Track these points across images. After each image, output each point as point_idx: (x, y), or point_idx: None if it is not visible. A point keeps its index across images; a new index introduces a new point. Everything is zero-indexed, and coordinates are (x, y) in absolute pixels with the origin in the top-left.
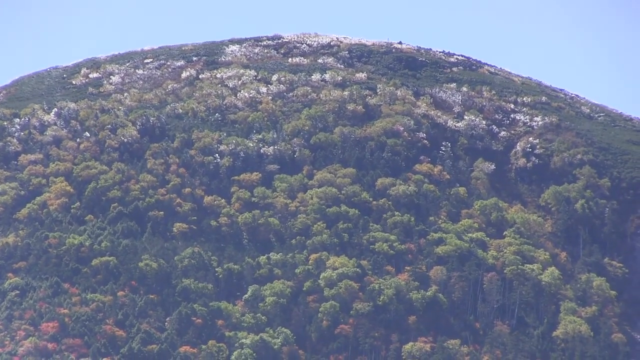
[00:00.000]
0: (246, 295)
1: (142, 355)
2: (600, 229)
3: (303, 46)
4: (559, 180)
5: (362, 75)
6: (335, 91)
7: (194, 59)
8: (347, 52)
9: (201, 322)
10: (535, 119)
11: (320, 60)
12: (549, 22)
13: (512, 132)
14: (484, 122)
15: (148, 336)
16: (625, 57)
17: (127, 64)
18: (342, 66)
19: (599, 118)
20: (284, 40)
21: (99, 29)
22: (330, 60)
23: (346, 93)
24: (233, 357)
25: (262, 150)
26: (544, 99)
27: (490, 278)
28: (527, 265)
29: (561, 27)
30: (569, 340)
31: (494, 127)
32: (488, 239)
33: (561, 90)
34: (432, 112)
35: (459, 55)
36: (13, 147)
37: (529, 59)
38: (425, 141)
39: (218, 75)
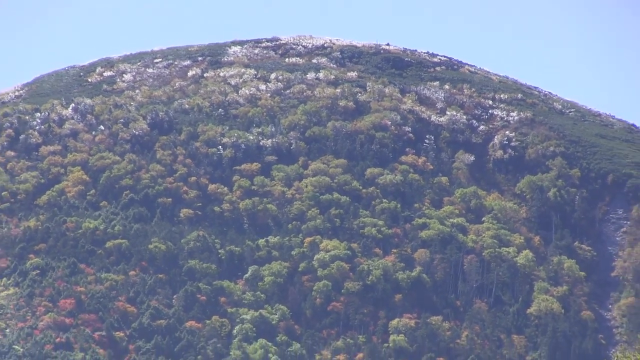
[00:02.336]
0: (246, 275)
1: (151, 329)
2: (570, 215)
3: (299, 47)
4: (533, 170)
5: (352, 74)
6: (328, 89)
7: (199, 59)
8: (339, 53)
9: (205, 300)
10: (512, 114)
11: (314, 61)
12: (523, 26)
13: (490, 126)
14: (464, 117)
15: (157, 312)
16: (593, 57)
17: (139, 64)
18: (334, 66)
19: (570, 113)
20: (281, 42)
21: (112, 31)
22: (323, 60)
23: (338, 90)
24: (235, 331)
25: (261, 143)
26: (519, 95)
27: (469, 260)
28: (504, 248)
29: (534, 30)
30: (542, 317)
31: (474, 122)
32: (468, 224)
33: (535, 88)
34: (417, 108)
35: (441, 56)
36: (34, 139)
37: (506, 59)
38: (411, 134)
39: (221, 74)
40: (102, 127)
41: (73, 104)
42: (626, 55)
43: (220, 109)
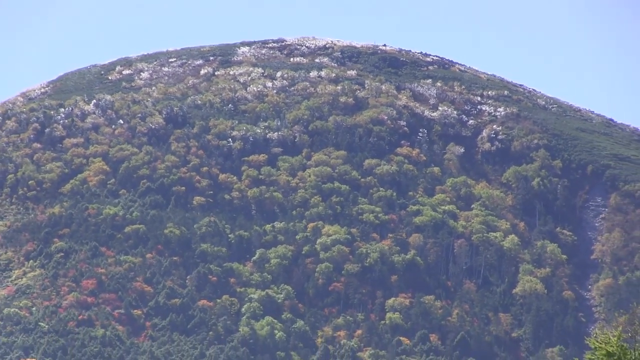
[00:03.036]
0: (254, 258)
1: (166, 307)
2: (553, 203)
3: (303, 48)
4: (518, 161)
5: (352, 73)
6: (330, 86)
7: (211, 58)
8: (339, 53)
9: (216, 280)
10: (499, 109)
11: (317, 60)
12: (509, 29)
13: (479, 120)
14: (455, 112)
15: (172, 292)
16: (574, 57)
17: (155, 63)
18: (335, 65)
19: (553, 109)
20: (286, 43)
21: (131, 33)
22: (325, 59)
23: (339, 87)
24: (243, 309)
25: (267, 136)
26: (505, 92)
27: (460, 244)
28: (491, 233)
29: (519, 32)
30: (527, 297)
31: (464, 117)
32: (458, 211)
33: (520, 85)
34: (411, 103)
35: (434, 56)
36: (58, 133)
37: (494, 58)
38: (406, 128)
39: (231, 72)
40: (121, 121)
41: (94, 100)
42: (604, 54)
43: (230, 105)
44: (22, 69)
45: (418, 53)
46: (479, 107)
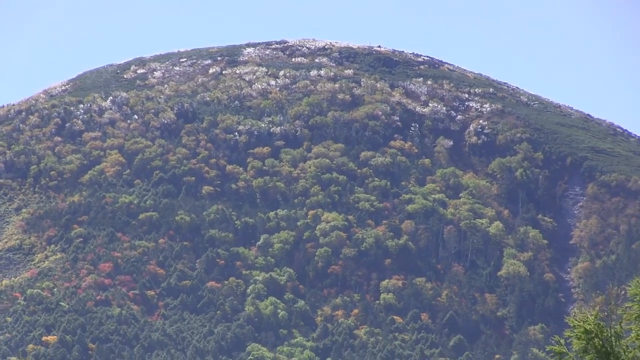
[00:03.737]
0: (259, 242)
1: (177, 289)
2: (535, 192)
3: (303, 49)
4: (502, 153)
5: (349, 72)
6: (328, 84)
7: (219, 58)
8: (337, 53)
9: (224, 263)
10: (484, 105)
11: (316, 60)
12: (494, 30)
13: (466, 116)
14: (444, 108)
15: (182, 274)
16: (554, 57)
17: (167, 62)
18: (333, 64)
19: (534, 105)
20: (288, 44)
21: (145, 35)
22: (324, 59)
23: (337, 85)
24: (248, 290)
25: (271, 130)
26: (491, 90)
27: (449, 230)
28: (478, 219)
29: (503, 34)
30: (510, 279)
31: (452, 112)
32: (447, 199)
33: (505, 83)
34: (404, 100)
35: (425, 56)
36: (78, 127)
37: (480, 58)
38: (399, 123)
39: (237, 72)
40: (135, 116)
41: (111, 97)
42: (582, 54)
43: (236, 101)
44: (44, 68)
45: (410, 54)
46: (466, 103)
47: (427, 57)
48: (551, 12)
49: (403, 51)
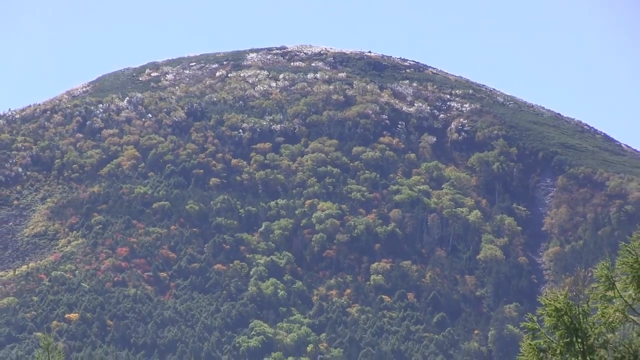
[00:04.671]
0: (261, 229)
1: (187, 270)
2: (510, 183)
3: (301, 54)
4: (481, 148)
5: (342, 75)
6: (324, 86)
7: (225, 63)
8: (332, 58)
9: (229, 248)
10: (464, 105)
11: (313, 64)
12: (472, 37)
13: (448, 115)
14: (428, 107)
15: (192, 257)
16: (527, 60)
17: (178, 66)
18: (328, 68)
19: (510, 105)
20: (287, 50)
21: (158, 41)
22: (320, 64)
23: (331, 87)
24: (251, 272)
25: (272, 127)
26: (470, 91)
27: (432, 217)
28: (459, 208)
29: (481, 40)
30: (488, 262)
31: (435, 111)
32: (431, 190)
33: (483, 85)
34: (392, 100)
35: (411, 61)
36: (97, 125)
37: (461, 62)
38: (387, 121)
39: (241, 75)
40: (149, 115)
41: (127, 97)
42: (553, 58)
43: (240, 101)
44: (67, 72)
45: (397, 58)
46: (448, 103)
47: (413, 61)
48: (523, 20)
49: (391, 56)
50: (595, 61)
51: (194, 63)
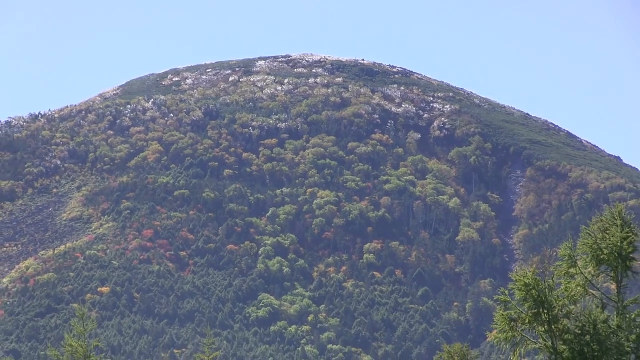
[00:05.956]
0: (268, 214)
1: (204, 250)
2: (485, 174)
3: (303, 61)
4: (459, 144)
5: (339, 80)
6: (323, 89)
7: (237, 69)
8: (330, 65)
9: (240, 230)
10: (445, 106)
11: (313, 70)
12: (452, 46)
13: (431, 114)
14: (414, 108)
15: (208, 239)
16: (499, 65)
17: (196, 72)
18: (326, 74)
19: (485, 106)
20: (291, 57)
21: (179, 50)
22: (319, 70)
23: (329, 90)
24: (260, 251)
25: (277, 125)
26: (450, 94)
27: (417, 204)
28: (440, 196)
29: (459, 48)
30: (465, 243)
31: (420, 112)
32: (416, 180)
33: (461, 89)
34: (382, 102)
35: (399, 67)
36: (126, 123)
37: (442, 69)
38: (378, 120)
39: (251, 79)
40: (171, 114)
41: (152, 99)
42: (523, 61)
43: (250, 103)
44: (100, 77)
45: (387, 65)
46: (431, 104)
47: (401, 68)
48: (494, 32)
49: (381, 63)
50: (558, 66)
51: (210, 69)
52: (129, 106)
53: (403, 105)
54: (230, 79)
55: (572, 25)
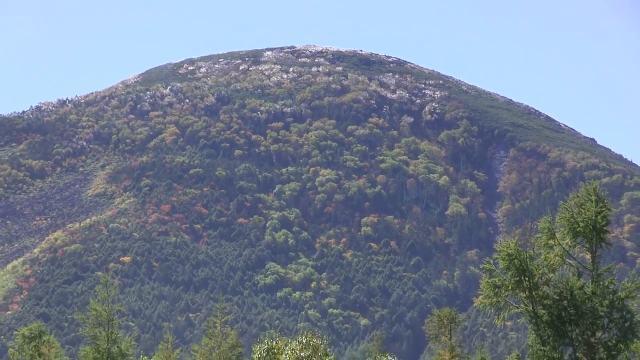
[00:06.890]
0: (275, 190)
1: (216, 223)
2: (472, 154)
3: (307, 52)
4: (449, 127)
5: (339, 68)
6: (325, 77)
7: (246, 59)
8: (331, 55)
9: (249, 205)
10: (436, 93)
11: (316, 60)
12: (443, 38)
13: (423, 100)
14: (407, 94)
15: (220, 213)
16: (485, 56)
17: (209, 62)
18: (328, 63)
19: (472, 92)
20: (296, 48)
21: (194, 41)
22: (322, 60)
23: (331, 78)
24: (267, 224)
25: (283, 110)
26: (440, 82)
27: (410, 182)
28: (431, 174)
29: (450, 40)
30: (454, 216)
31: (413, 98)
32: (409, 159)
33: (450, 77)
34: (379, 89)
35: (394, 57)
36: (145, 108)
37: (433, 58)
38: (375, 105)
39: (259, 68)
40: (187, 100)
41: (170, 86)
42: (506, 50)
43: (259, 89)
44: (122, 66)
45: (383, 55)
46: (423, 91)
47: (395, 58)
48: (482, 25)
49: (378, 54)
50: (538, 56)
51: (222, 59)
52: (148, 92)
53: (397, 92)
54: (241, 67)
55: (551, 19)
